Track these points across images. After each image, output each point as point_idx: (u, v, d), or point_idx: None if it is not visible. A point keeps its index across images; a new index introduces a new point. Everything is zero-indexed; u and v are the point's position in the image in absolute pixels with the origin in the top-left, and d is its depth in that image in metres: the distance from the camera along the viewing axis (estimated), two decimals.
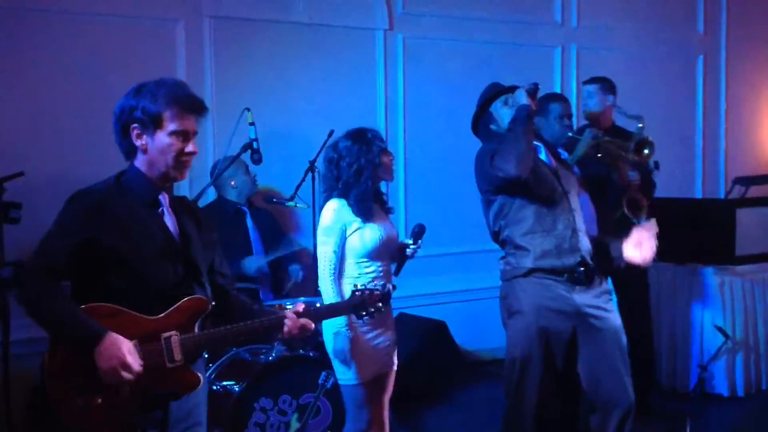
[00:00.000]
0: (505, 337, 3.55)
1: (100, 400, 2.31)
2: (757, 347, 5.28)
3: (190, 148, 2.43)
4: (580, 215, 3.52)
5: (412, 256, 3.60)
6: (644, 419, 4.59)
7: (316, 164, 4.56)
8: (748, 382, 5.20)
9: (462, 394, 5.37)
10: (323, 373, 3.63)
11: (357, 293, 2.79)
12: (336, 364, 3.43)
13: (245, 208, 4.67)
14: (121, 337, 2.30)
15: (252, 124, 4.03)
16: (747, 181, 6.50)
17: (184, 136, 2.42)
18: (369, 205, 3.39)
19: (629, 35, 6.67)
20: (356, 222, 3.39)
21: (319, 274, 3.45)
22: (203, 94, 5.07)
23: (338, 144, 3.46)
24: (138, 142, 2.41)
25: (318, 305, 3.01)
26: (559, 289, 3.40)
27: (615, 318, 3.50)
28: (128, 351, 2.29)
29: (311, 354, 3.90)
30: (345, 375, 3.41)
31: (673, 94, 6.93)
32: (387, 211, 3.58)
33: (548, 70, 6.36)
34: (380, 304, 2.78)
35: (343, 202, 3.40)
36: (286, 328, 2.57)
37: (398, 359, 3.61)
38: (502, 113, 3.55)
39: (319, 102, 5.41)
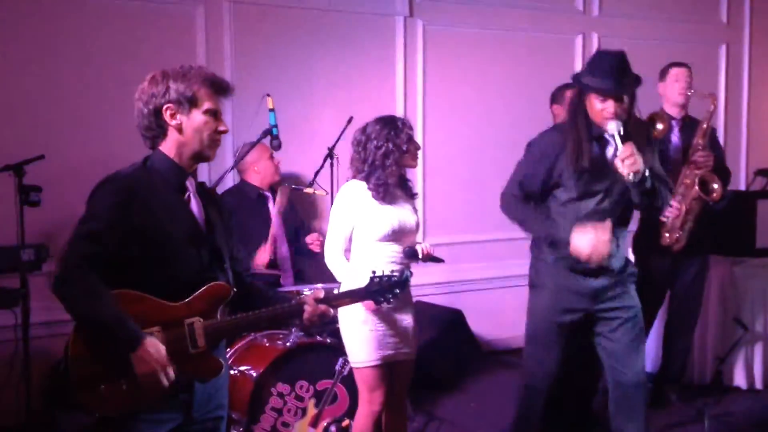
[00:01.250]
0: (528, 307, 3.64)
1: (125, 386, 2.32)
2: None
3: (222, 126, 2.48)
4: (618, 213, 3.45)
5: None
6: (663, 411, 4.59)
7: (334, 151, 4.55)
8: (766, 374, 5.17)
9: (478, 383, 5.37)
10: (340, 360, 3.66)
11: (375, 279, 2.80)
12: (348, 347, 3.47)
13: (268, 194, 4.66)
14: (157, 342, 2.31)
15: (272, 110, 4.03)
16: None
17: (216, 114, 2.47)
18: (389, 189, 3.42)
19: (651, 24, 6.61)
20: (371, 205, 3.41)
21: (325, 251, 3.53)
22: None
23: (367, 127, 3.50)
24: (173, 122, 2.42)
25: (336, 291, 3.02)
26: (577, 274, 3.43)
27: (632, 299, 3.50)
28: (164, 359, 2.31)
29: (328, 340, 3.90)
30: (357, 357, 3.45)
31: (694, 84, 6.84)
32: (411, 196, 3.60)
33: (569, 58, 6.31)
34: (397, 291, 2.80)
35: (362, 185, 3.44)
36: (306, 315, 2.58)
37: (415, 347, 3.62)
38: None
39: (338, 88, 5.40)
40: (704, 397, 4.79)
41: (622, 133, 3.21)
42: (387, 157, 3.41)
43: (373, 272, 2.84)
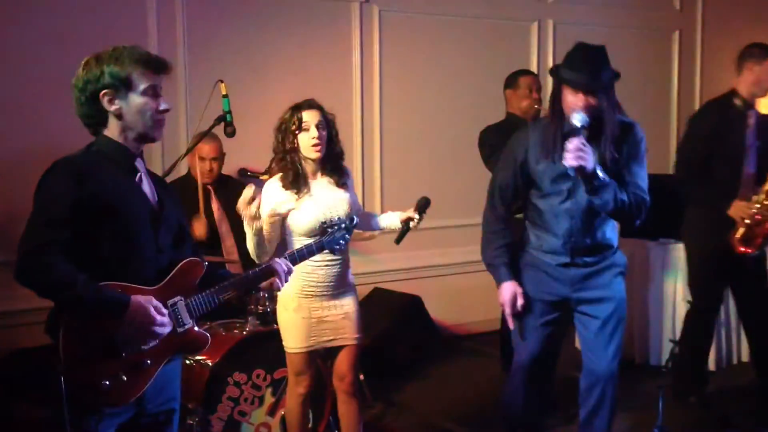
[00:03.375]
0: None
1: (125, 377, 2.32)
2: (729, 322, 5.34)
3: (163, 105, 2.42)
4: (588, 212, 3.31)
5: (414, 228, 3.63)
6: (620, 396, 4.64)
7: None
8: (719, 356, 5.26)
9: (437, 369, 5.40)
10: None
11: (328, 229, 2.96)
12: (281, 331, 3.49)
13: (209, 188, 4.55)
14: (142, 298, 2.30)
15: (225, 96, 3.96)
16: None
17: (155, 93, 2.40)
18: (297, 181, 3.36)
19: (605, 10, 6.66)
20: (290, 202, 3.37)
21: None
22: (176, 65, 4.96)
23: None
24: (111, 108, 2.37)
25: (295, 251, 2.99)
26: (555, 261, 3.39)
27: (612, 290, 3.41)
28: (155, 309, 2.32)
29: None
30: (286, 342, 3.48)
31: (648, 70, 6.94)
32: (340, 185, 3.48)
33: (524, 44, 6.34)
34: (347, 235, 2.99)
35: (278, 181, 3.41)
36: (277, 267, 2.66)
37: (373, 333, 3.63)
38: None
39: (294, 74, 5.35)
40: (659, 379, 4.86)
41: (586, 125, 3.09)
42: (280, 150, 3.39)
43: (323, 222, 3.00)
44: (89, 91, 2.36)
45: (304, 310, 3.42)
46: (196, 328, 2.49)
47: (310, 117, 3.38)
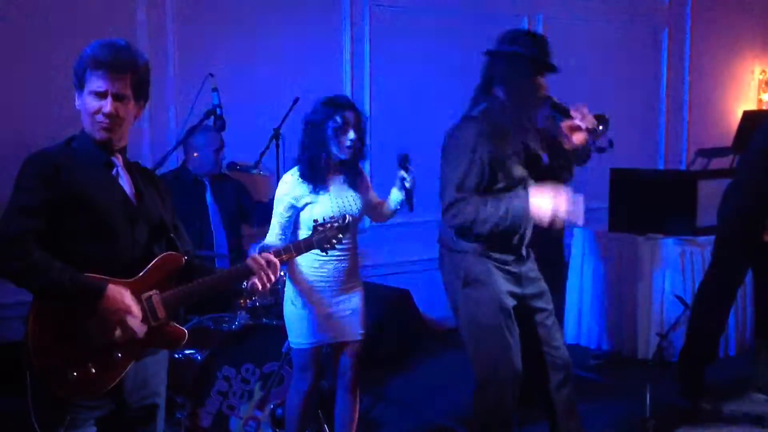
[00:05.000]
0: (463, 306, 3.44)
1: (93, 369, 2.30)
2: None
3: (107, 107, 2.35)
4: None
5: (412, 186, 3.57)
6: (606, 387, 4.67)
7: (280, 131, 4.51)
8: None
9: (425, 363, 5.41)
10: (287, 342, 3.63)
11: (319, 228, 2.85)
12: (288, 327, 3.48)
13: (206, 181, 4.56)
14: (120, 287, 2.30)
15: (215, 89, 3.96)
16: (709, 152, 6.57)
17: (100, 95, 2.36)
18: (319, 176, 3.36)
19: (595, 5, 6.67)
20: (308, 196, 3.37)
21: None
22: (165, 59, 4.98)
23: (310, 110, 3.44)
24: (77, 104, 2.40)
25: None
26: (499, 263, 3.36)
27: (544, 283, 3.49)
28: (130, 299, 2.31)
29: (274, 323, 3.88)
30: (293, 338, 3.47)
31: (637, 66, 6.96)
32: (355, 185, 3.51)
33: None
34: (340, 235, 2.86)
35: (298, 173, 3.40)
36: (254, 266, 2.54)
37: (362, 328, 3.61)
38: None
39: (284, 68, 5.35)
40: (646, 373, 4.89)
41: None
42: (311, 144, 3.36)
43: (315, 220, 2.88)
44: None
45: (314, 305, 3.40)
46: (174, 323, 2.46)
47: (349, 118, 3.37)
